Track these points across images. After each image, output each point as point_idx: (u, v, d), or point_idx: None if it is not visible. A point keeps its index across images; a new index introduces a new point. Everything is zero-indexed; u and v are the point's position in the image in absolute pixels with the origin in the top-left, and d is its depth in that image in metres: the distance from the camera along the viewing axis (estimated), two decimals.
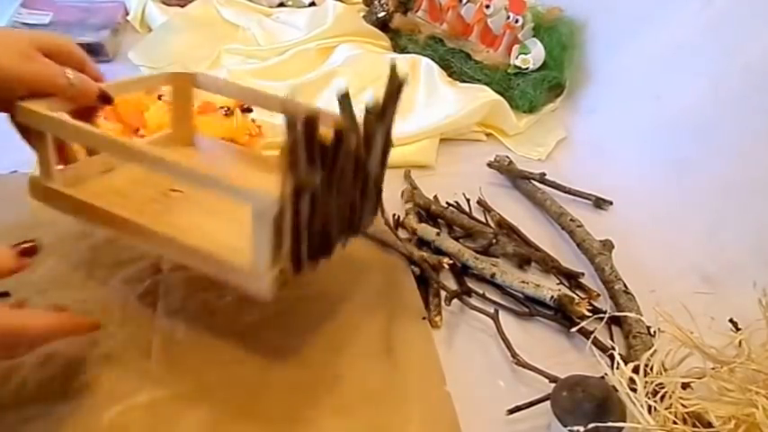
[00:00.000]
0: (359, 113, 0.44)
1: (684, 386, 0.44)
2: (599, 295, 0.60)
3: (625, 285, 0.59)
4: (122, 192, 0.53)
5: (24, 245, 0.41)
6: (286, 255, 0.43)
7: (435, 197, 0.72)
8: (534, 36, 0.91)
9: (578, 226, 0.67)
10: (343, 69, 0.91)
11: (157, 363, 0.49)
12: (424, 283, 0.60)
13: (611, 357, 0.45)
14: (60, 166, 0.51)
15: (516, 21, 0.90)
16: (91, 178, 0.54)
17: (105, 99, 0.51)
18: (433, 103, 0.86)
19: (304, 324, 0.54)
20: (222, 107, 0.74)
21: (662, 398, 0.42)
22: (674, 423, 0.40)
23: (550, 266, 0.63)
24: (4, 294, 0.49)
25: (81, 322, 0.44)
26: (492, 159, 0.79)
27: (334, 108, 0.43)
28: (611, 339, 0.55)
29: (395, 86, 0.47)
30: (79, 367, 0.48)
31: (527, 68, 0.89)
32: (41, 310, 0.43)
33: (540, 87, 0.90)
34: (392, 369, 0.51)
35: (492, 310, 0.56)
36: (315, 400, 0.48)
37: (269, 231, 0.41)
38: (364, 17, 1.05)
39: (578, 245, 0.66)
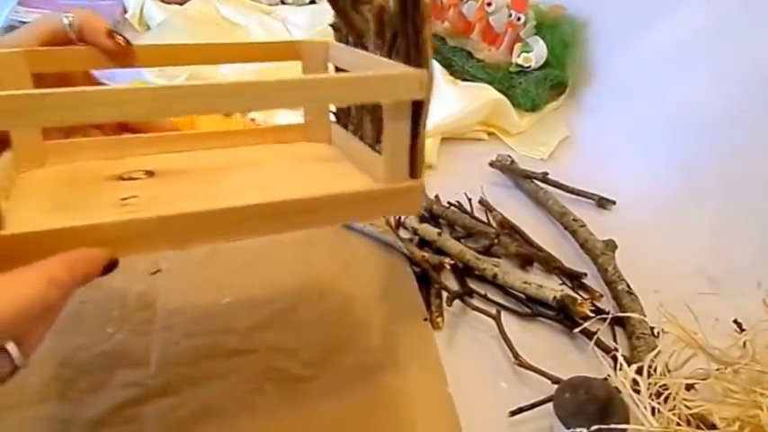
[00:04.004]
0: None
1: (688, 387, 0.44)
2: (602, 296, 0.60)
3: (628, 286, 0.59)
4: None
5: None
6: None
7: (437, 197, 0.71)
8: (536, 34, 0.91)
9: (581, 226, 0.67)
10: None
11: (156, 365, 0.49)
12: (426, 283, 0.60)
13: (615, 358, 0.44)
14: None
15: (518, 19, 0.89)
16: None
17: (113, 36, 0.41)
18: (435, 102, 0.86)
19: (304, 325, 0.54)
20: None
21: (665, 399, 0.41)
22: (678, 425, 0.40)
23: (553, 267, 0.63)
24: None
25: (94, 258, 0.31)
26: (494, 159, 0.78)
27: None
28: (615, 340, 0.55)
29: None
30: (84, 367, 0.47)
31: (529, 67, 0.89)
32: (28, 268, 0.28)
33: (543, 86, 0.89)
34: (393, 370, 0.51)
35: (494, 311, 0.56)
36: (314, 401, 0.48)
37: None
38: None
39: (581, 245, 0.66)
